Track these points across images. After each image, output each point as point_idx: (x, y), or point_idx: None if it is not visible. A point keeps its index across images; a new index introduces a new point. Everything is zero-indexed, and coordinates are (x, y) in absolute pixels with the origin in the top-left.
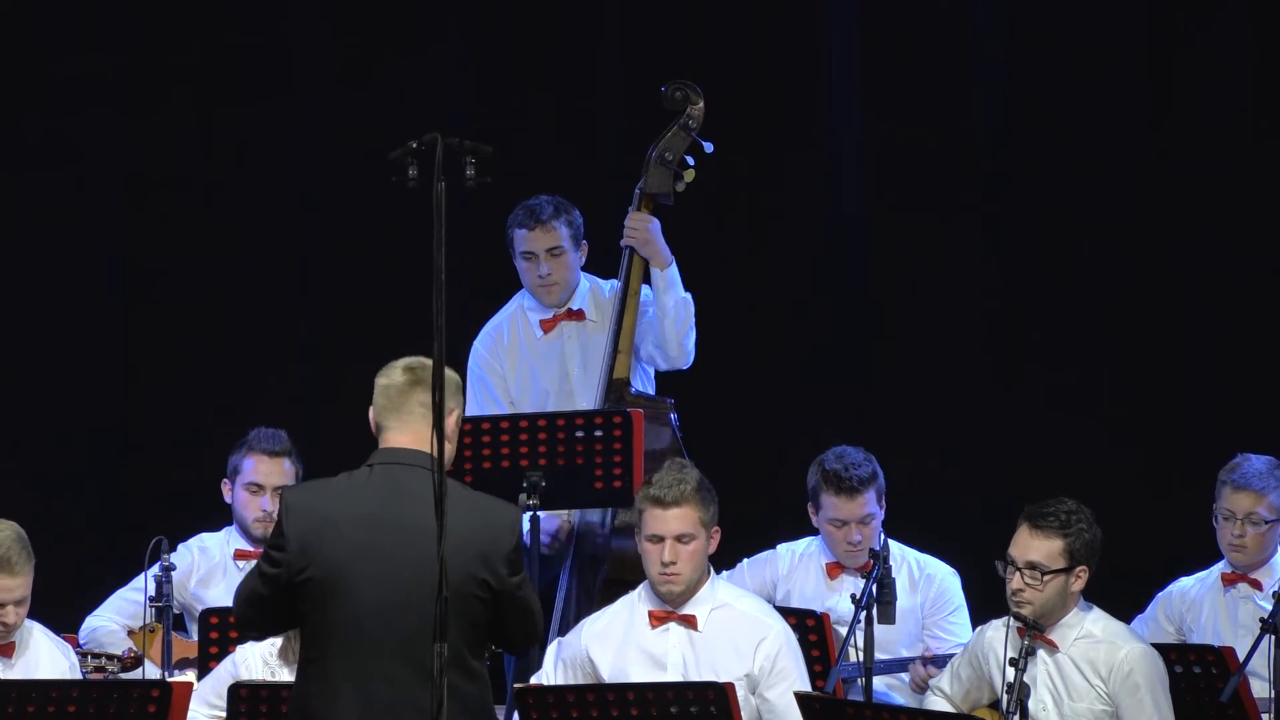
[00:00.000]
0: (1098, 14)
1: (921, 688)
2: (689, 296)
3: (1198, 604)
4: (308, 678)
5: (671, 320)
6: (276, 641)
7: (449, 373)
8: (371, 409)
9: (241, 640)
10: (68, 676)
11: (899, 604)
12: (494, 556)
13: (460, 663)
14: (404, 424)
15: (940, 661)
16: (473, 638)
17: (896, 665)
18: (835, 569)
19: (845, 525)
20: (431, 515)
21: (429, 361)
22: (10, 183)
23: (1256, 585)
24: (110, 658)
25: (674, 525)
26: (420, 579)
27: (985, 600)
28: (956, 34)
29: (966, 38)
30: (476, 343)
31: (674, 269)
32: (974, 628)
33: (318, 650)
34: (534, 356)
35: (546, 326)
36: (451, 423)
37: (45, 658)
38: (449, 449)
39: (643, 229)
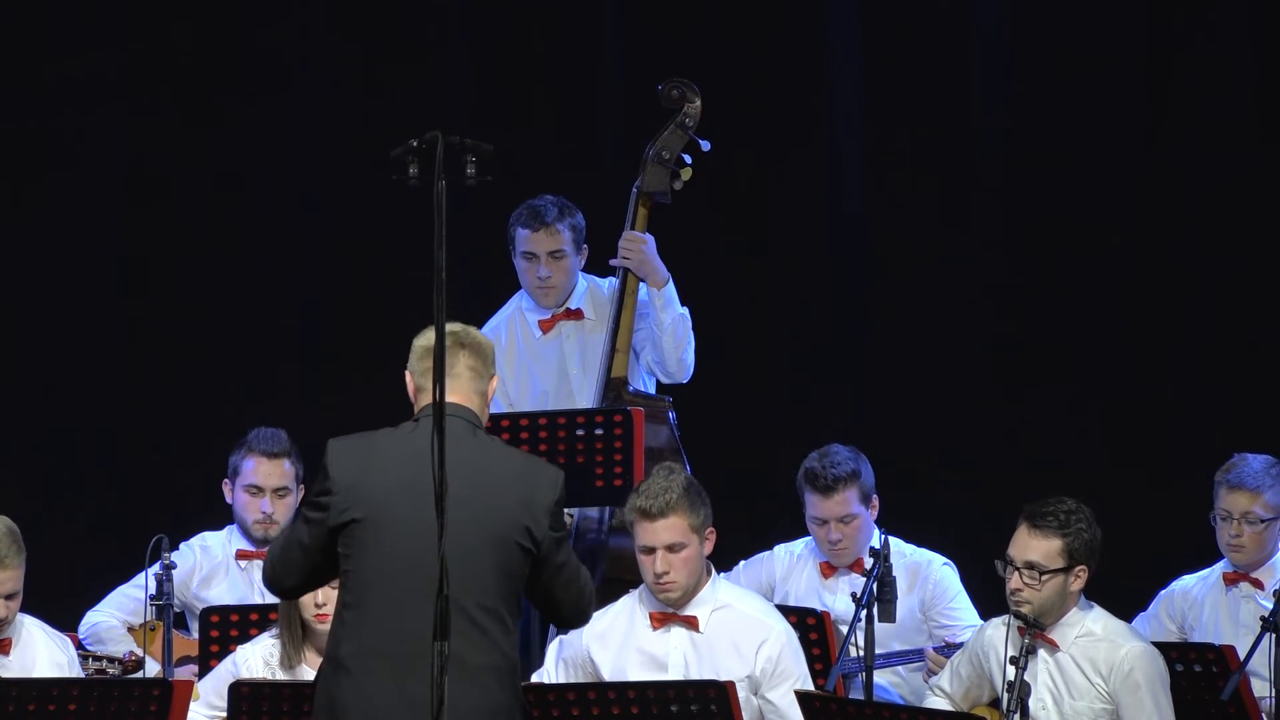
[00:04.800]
0: (1098, 13)
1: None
2: (686, 312)
3: (1199, 603)
4: (343, 621)
5: (670, 336)
6: (277, 644)
7: (484, 339)
8: (409, 372)
9: (270, 588)
10: (65, 671)
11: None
12: (536, 505)
13: (493, 609)
14: (449, 385)
15: (949, 652)
16: (508, 588)
17: (896, 659)
18: (829, 569)
19: (825, 524)
20: (473, 457)
21: (466, 327)
22: (11, 182)
23: (1258, 584)
24: (112, 660)
25: (664, 536)
26: (462, 515)
27: (984, 600)
28: (957, 33)
29: (967, 37)
30: None
31: (670, 287)
32: (978, 612)
33: (356, 595)
34: (533, 357)
35: (545, 327)
36: (492, 386)
37: (42, 653)
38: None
39: (637, 249)
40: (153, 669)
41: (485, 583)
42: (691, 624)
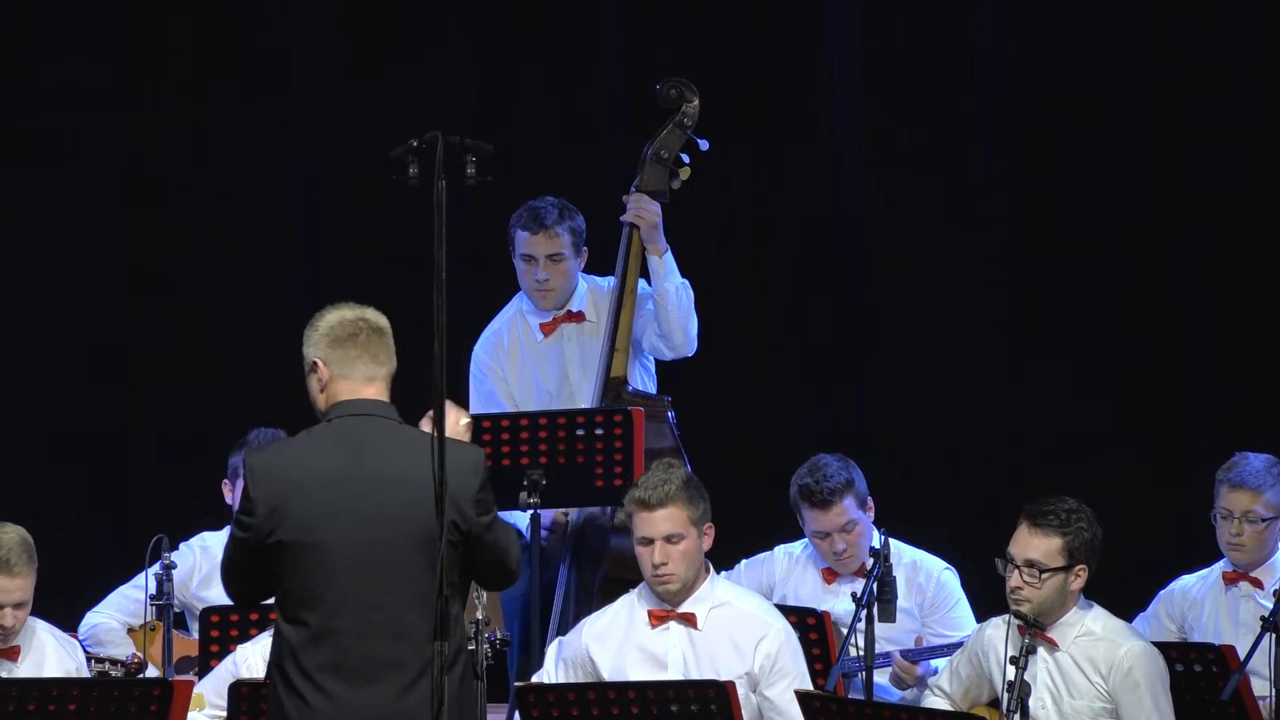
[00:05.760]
0: (1098, 13)
1: (900, 685)
2: (687, 282)
3: (1199, 602)
4: (283, 634)
5: (674, 306)
6: None
7: (385, 321)
8: (319, 361)
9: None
10: (74, 676)
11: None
12: (461, 499)
13: (426, 609)
14: (376, 375)
15: (917, 655)
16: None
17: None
18: (831, 575)
19: (828, 536)
20: (394, 465)
21: (366, 311)
22: (11, 183)
23: (1257, 584)
24: (114, 662)
25: (662, 526)
26: (387, 533)
27: (984, 600)
28: (959, 33)
29: (969, 37)
30: (477, 347)
31: (670, 256)
32: (976, 619)
33: (292, 610)
34: (534, 359)
35: (546, 329)
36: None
37: (51, 658)
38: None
39: (650, 211)
40: (150, 674)
41: (418, 586)
42: (690, 621)
